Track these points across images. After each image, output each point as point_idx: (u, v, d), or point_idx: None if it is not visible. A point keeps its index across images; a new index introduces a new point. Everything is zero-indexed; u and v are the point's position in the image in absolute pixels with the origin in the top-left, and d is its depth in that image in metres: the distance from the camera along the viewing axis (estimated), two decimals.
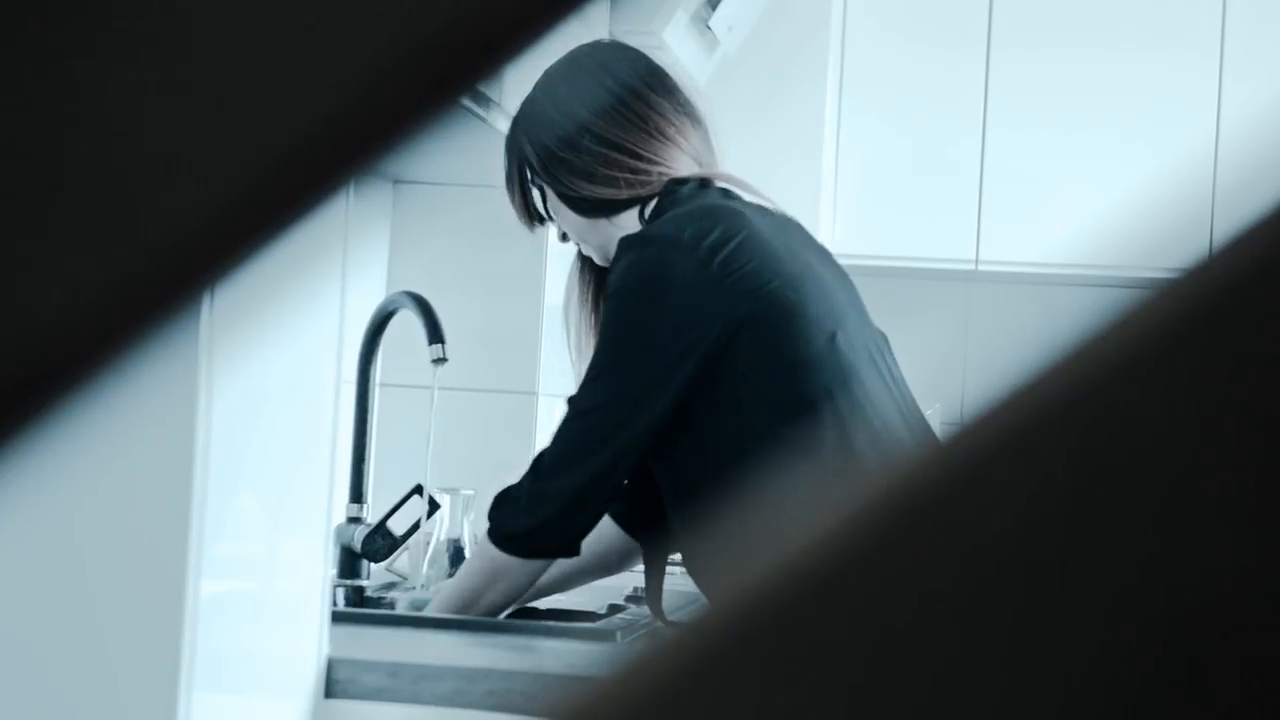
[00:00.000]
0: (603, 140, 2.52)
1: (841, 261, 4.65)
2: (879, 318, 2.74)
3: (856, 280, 4.42)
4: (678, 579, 3.71)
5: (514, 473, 3.44)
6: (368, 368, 2.94)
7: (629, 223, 2.52)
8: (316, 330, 2.05)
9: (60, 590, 1.74)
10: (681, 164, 2.55)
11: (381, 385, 3.00)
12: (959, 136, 4.67)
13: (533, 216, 2.61)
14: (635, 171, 2.52)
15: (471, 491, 2.99)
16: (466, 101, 2.59)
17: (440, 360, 2.78)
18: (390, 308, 2.93)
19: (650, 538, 2.62)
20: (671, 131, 2.56)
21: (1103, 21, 4.62)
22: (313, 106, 0.45)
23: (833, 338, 2.48)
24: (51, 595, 1.74)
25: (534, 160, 2.55)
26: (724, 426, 2.42)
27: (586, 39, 2.65)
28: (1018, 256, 4.64)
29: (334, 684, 2.15)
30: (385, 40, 0.44)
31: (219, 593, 1.80)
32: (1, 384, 0.48)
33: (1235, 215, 0.42)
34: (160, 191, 0.47)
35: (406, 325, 2.90)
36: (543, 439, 3.53)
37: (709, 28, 3.93)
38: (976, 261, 4.65)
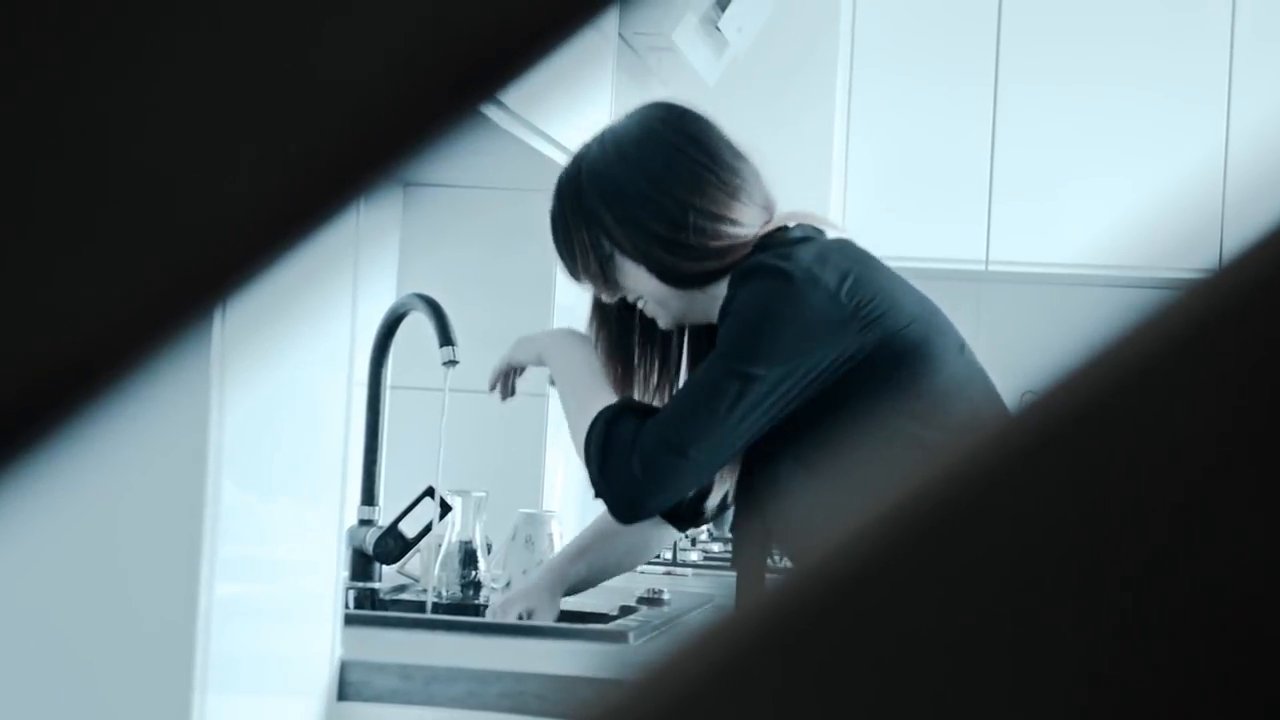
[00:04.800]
0: (711, 216, 2.54)
1: None
2: None
3: None
4: (689, 580, 3.70)
5: (524, 474, 3.44)
6: (379, 370, 2.94)
7: (721, 289, 2.55)
8: (328, 334, 2.05)
9: (76, 593, 1.74)
10: (762, 217, 2.60)
11: (392, 388, 3.00)
12: (968, 137, 4.67)
13: (614, 286, 2.61)
14: (736, 239, 2.55)
15: (483, 493, 2.99)
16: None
17: (451, 363, 2.79)
18: (401, 310, 2.93)
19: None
20: (756, 193, 2.60)
21: (1112, 22, 4.62)
22: (329, 117, 0.45)
23: (961, 348, 2.60)
24: (67, 598, 1.74)
25: (628, 243, 2.55)
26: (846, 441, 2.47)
27: (597, 43, 2.65)
28: (1028, 257, 4.64)
29: (347, 686, 2.16)
30: (402, 49, 0.44)
31: (232, 595, 1.80)
32: (18, 395, 0.49)
33: (1246, 215, 0.43)
34: (174, 203, 0.48)
35: (417, 328, 2.91)
36: (553, 441, 3.53)
37: (718, 29, 3.94)
38: (987, 262, 4.65)
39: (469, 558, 2.94)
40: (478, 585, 2.91)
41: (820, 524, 0.42)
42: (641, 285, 2.57)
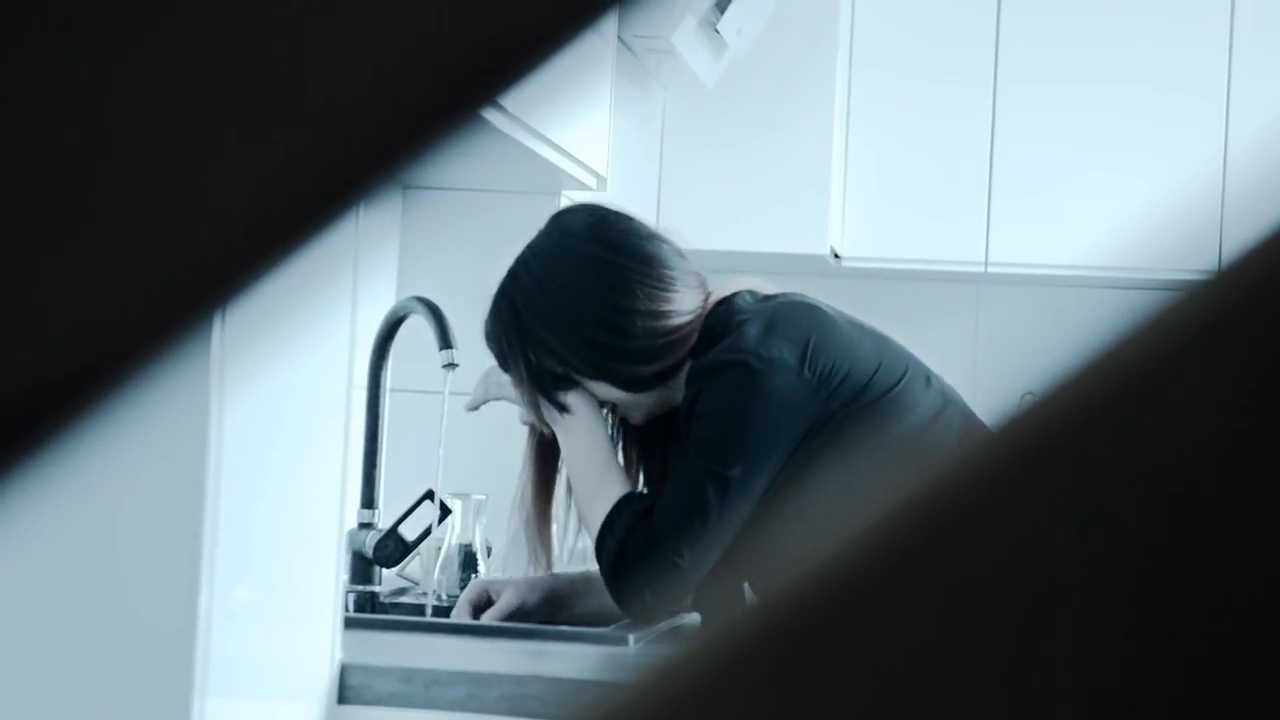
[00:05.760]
0: (652, 315, 2.58)
1: (850, 265, 4.66)
2: (889, 321, 2.74)
3: (866, 283, 4.45)
4: None
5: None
6: (378, 373, 2.94)
7: (680, 379, 2.60)
8: (328, 338, 2.05)
9: (76, 596, 1.74)
10: (699, 296, 2.63)
11: (392, 390, 3.00)
12: (968, 138, 4.67)
13: (561, 409, 2.65)
14: (681, 329, 2.59)
15: (483, 496, 2.99)
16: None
17: (451, 365, 2.79)
18: (401, 313, 2.93)
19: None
20: (687, 275, 2.63)
21: (1110, 22, 4.62)
22: (329, 122, 0.45)
23: (927, 379, 2.61)
24: (68, 601, 1.74)
25: (580, 362, 2.59)
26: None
27: (596, 45, 2.66)
28: (1027, 258, 4.64)
29: (347, 689, 2.16)
30: (403, 54, 0.44)
31: (232, 599, 1.80)
32: (20, 399, 0.49)
33: (1245, 216, 0.43)
34: (174, 208, 0.48)
35: (417, 330, 2.90)
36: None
37: (717, 31, 3.94)
38: (986, 264, 4.65)
39: (469, 560, 2.94)
40: None
41: (807, 545, 0.42)
42: (608, 395, 2.62)
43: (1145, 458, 0.42)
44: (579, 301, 2.58)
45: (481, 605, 2.73)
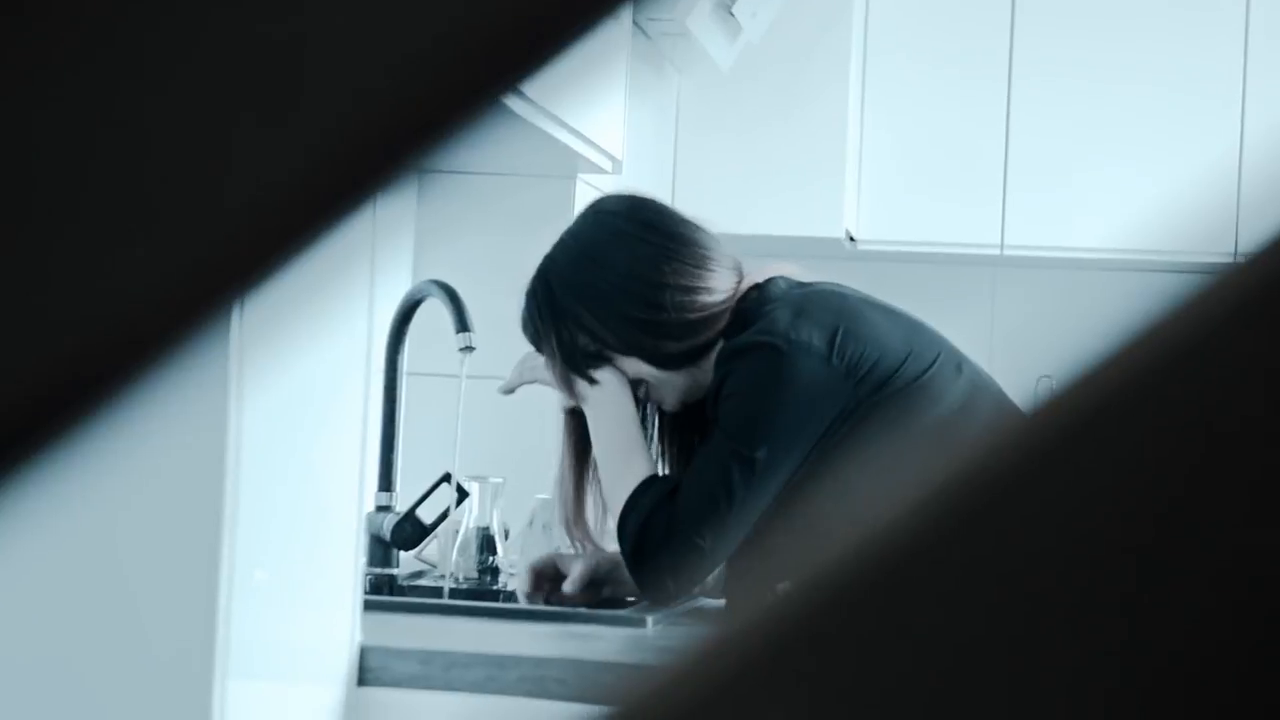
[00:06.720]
0: (684, 290, 2.60)
1: (866, 248, 4.66)
2: (904, 304, 2.74)
3: (881, 266, 4.44)
4: None
5: (541, 460, 3.45)
6: (395, 357, 2.94)
7: (710, 361, 2.62)
8: (346, 323, 2.06)
9: (98, 581, 1.75)
10: (733, 279, 2.65)
11: (409, 374, 3.00)
12: (983, 121, 4.66)
13: (591, 383, 2.66)
14: (713, 307, 2.61)
15: (500, 479, 3.00)
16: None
17: (468, 349, 2.79)
18: (417, 296, 2.94)
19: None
20: (723, 257, 2.66)
21: (1126, 6, 4.61)
22: (349, 110, 0.46)
23: (959, 367, 2.62)
24: (90, 586, 1.75)
25: (612, 337, 2.61)
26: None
27: (611, 29, 2.66)
28: (1043, 241, 4.63)
29: (366, 671, 2.16)
30: (424, 43, 0.45)
31: (252, 582, 1.81)
32: (44, 388, 0.49)
33: (1262, 200, 0.43)
34: (192, 199, 0.48)
35: (434, 314, 2.91)
36: None
37: (732, 14, 3.93)
38: (1002, 246, 4.65)
39: (486, 543, 2.95)
40: (495, 571, 2.91)
41: (833, 532, 0.42)
42: (638, 371, 2.64)
43: (1167, 442, 0.42)
44: (612, 275, 2.60)
45: (548, 576, 2.76)
